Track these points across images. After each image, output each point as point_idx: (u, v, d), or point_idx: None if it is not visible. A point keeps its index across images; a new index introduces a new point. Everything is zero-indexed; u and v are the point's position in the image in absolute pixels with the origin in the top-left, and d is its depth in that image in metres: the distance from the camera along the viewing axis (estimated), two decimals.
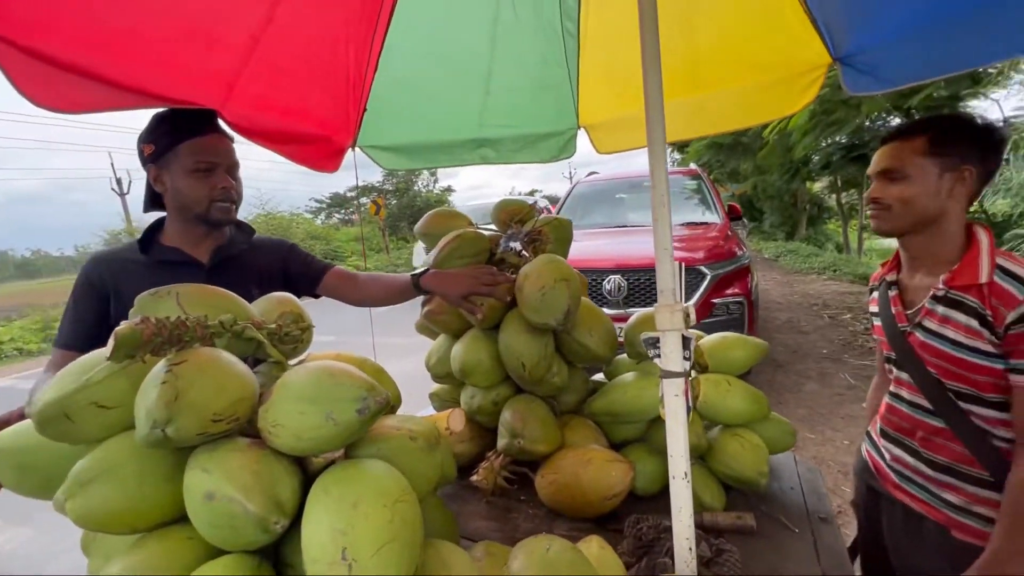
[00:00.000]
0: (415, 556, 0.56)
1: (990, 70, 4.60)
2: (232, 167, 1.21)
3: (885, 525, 1.15)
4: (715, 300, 3.37)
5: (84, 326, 1.16)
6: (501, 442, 1.14)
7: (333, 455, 0.66)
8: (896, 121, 6.86)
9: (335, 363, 0.64)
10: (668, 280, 0.77)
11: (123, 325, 0.57)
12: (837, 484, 2.60)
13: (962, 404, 0.98)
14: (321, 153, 1.44)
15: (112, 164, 23.61)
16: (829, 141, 7.61)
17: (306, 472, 0.66)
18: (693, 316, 0.81)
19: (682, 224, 4.43)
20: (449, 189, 34.73)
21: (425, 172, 28.21)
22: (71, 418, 0.62)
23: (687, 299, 3.40)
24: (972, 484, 0.98)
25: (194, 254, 1.23)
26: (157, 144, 1.15)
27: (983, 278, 0.93)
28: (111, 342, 0.56)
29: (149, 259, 1.18)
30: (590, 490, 1.02)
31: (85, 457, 0.62)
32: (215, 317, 0.72)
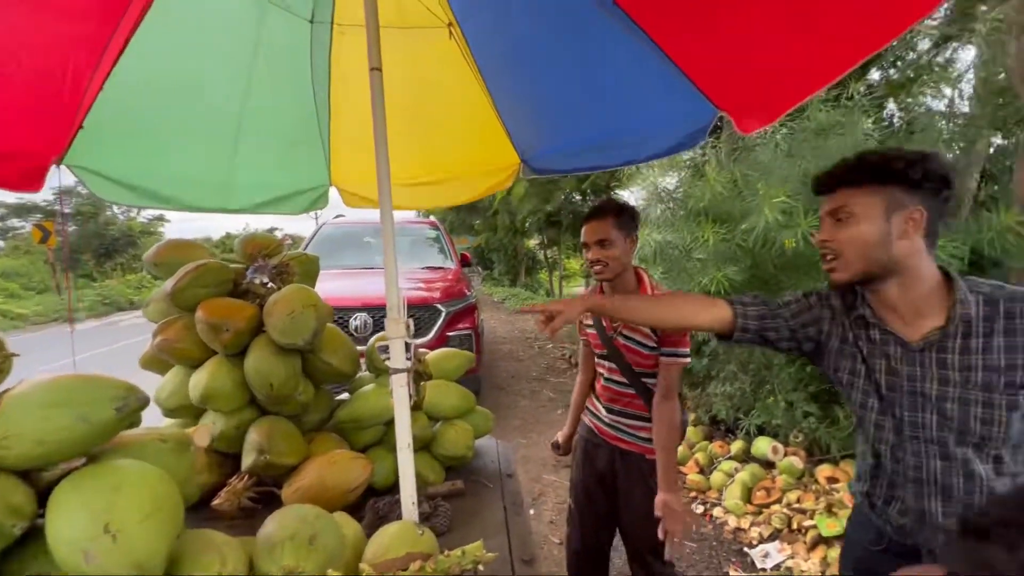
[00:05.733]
0: (178, 527, 0.65)
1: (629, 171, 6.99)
2: None
3: (602, 465, 1.71)
4: (449, 333, 3.89)
5: None
6: (247, 461, 1.20)
7: (70, 465, 0.69)
8: (578, 197, 9.63)
9: (81, 373, 0.68)
10: (394, 300, 1.05)
11: None
12: (539, 474, 3.30)
13: (642, 378, 1.59)
14: (19, 171, 1.25)
15: None
16: (539, 209, 9.90)
17: (35, 486, 0.66)
18: (412, 328, 1.10)
19: (422, 267, 4.94)
20: (162, 219, 28.67)
21: None
22: None
23: (427, 333, 3.83)
24: (646, 422, 1.60)
25: None
26: None
27: None
28: None
29: None
30: (332, 487, 1.18)
31: None
32: None
